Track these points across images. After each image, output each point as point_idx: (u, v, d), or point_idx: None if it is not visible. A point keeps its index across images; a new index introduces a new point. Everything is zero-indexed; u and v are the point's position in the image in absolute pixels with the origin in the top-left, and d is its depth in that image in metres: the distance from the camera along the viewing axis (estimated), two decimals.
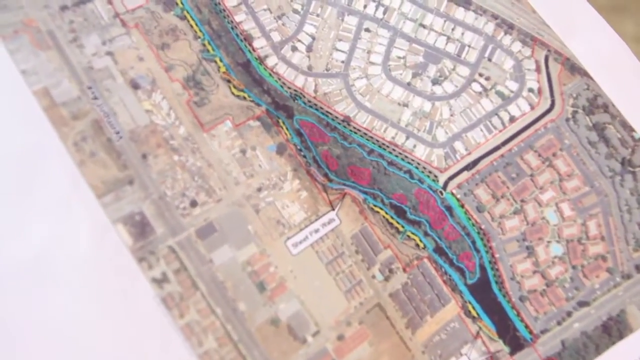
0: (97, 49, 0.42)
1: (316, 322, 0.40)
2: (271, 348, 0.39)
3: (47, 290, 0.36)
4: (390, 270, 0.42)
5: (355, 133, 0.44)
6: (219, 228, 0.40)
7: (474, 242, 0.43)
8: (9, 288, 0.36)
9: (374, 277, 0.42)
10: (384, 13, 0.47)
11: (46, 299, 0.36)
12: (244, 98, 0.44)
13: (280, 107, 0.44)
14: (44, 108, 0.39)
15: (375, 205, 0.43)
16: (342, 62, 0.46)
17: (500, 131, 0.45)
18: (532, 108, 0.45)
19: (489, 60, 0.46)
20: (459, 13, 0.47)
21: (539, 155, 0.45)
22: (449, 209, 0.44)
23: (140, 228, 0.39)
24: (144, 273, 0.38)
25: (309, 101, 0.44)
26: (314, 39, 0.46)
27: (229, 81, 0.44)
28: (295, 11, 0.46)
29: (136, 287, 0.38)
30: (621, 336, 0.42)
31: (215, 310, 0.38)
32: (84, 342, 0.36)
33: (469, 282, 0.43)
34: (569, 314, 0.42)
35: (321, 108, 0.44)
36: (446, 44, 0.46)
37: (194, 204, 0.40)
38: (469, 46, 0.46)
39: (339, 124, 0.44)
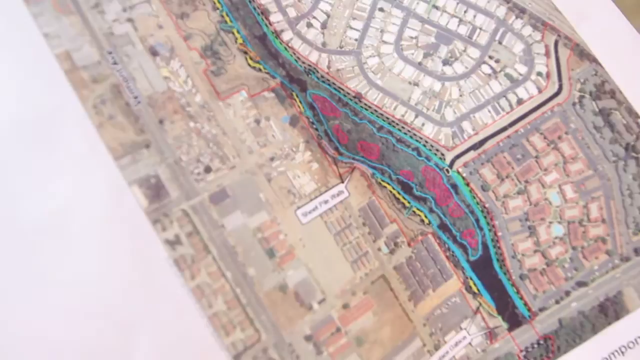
0: (117, 16, 0.42)
1: (322, 290, 0.41)
2: (278, 313, 0.40)
3: (64, 248, 0.37)
4: (396, 244, 0.43)
5: (366, 109, 0.45)
6: (231, 194, 0.41)
7: (477, 220, 0.44)
8: (28, 244, 0.37)
9: (379, 249, 0.43)
10: None
11: (63, 256, 0.37)
12: (260, 70, 0.44)
13: (294, 80, 0.45)
14: (65, 71, 0.40)
15: (383, 180, 0.44)
16: (356, 40, 0.46)
17: (508, 113, 0.46)
18: (540, 91, 0.46)
19: (500, 43, 0.47)
20: None
21: (545, 138, 0.45)
22: (454, 186, 0.45)
23: (155, 191, 0.39)
24: (157, 234, 0.39)
25: (322, 76, 0.45)
26: (328, 16, 0.46)
27: (245, 52, 0.44)
28: None
29: (150, 248, 0.38)
30: (617, 317, 0.43)
31: (225, 273, 0.39)
32: (98, 299, 0.37)
33: (471, 258, 0.44)
34: (567, 293, 0.43)
35: (334, 84, 0.45)
36: (458, 25, 0.47)
37: (208, 169, 0.41)
38: (481, 29, 0.47)
39: (351, 100, 0.45)
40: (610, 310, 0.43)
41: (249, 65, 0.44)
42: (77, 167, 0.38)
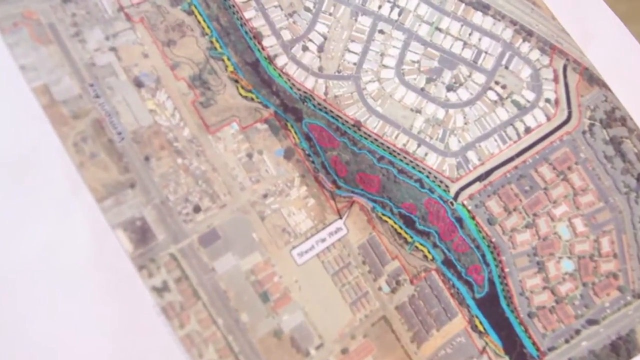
0: (100, 45, 0.40)
1: (320, 334, 0.39)
2: None
3: (43, 297, 0.36)
4: (398, 282, 0.42)
5: (366, 139, 0.44)
6: (222, 235, 0.39)
7: (483, 256, 0.43)
8: (2, 294, 0.35)
9: (380, 288, 0.41)
10: (399, 15, 0.45)
11: (42, 306, 0.35)
12: (252, 99, 0.43)
13: (289, 109, 0.43)
14: (43, 106, 0.38)
15: (383, 215, 0.43)
16: (354, 64, 0.45)
17: (515, 142, 0.44)
18: (549, 119, 0.45)
19: (506, 68, 0.45)
20: (477, 17, 0.46)
21: (554, 169, 0.44)
22: (459, 220, 0.43)
23: (141, 234, 0.38)
24: (144, 281, 0.37)
25: (319, 104, 0.43)
26: (325, 38, 0.45)
27: (236, 81, 0.43)
28: (307, 9, 0.45)
29: (136, 296, 0.37)
30: (630, 356, 0.42)
31: (216, 320, 0.38)
32: (80, 352, 0.35)
33: (477, 296, 0.42)
34: (578, 332, 0.42)
35: (331, 111, 0.43)
36: (462, 49, 0.46)
37: (197, 209, 0.39)
38: (486, 52, 0.45)
39: (349, 128, 0.43)
40: (622, 350, 0.42)
41: (241, 94, 0.42)
42: (57, 210, 0.37)
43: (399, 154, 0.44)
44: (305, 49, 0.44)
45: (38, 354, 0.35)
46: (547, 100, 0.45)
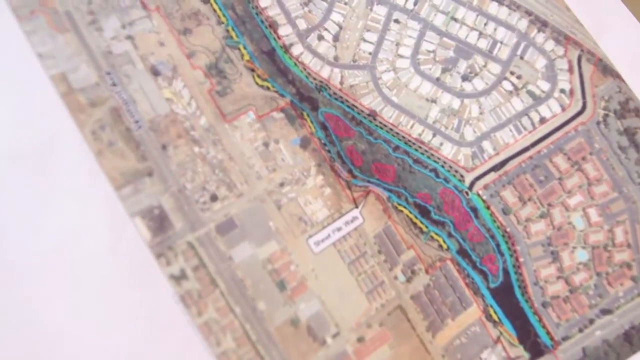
0: (116, 33, 0.40)
1: (336, 323, 0.39)
2: (290, 349, 0.38)
3: (62, 285, 0.35)
4: (413, 272, 0.41)
5: (381, 128, 0.43)
6: (239, 224, 0.39)
7: (498, 245, 0.43)
8: (22, 283, 0.35)
9: (396, 278, 0.41)
10: (415, 4, 0.45)
11: (61, 294, 0.35)
12: (268, 88, 0.42)
13: (305, 98, 0.42)
14: (61, 94, 0.38)
15: (399, 204, 0.42)
16: (370, 53, 0.44)
17: (530, 132, 0.44)
18: (563, 109, 0.44)
19: (521, 58, 0.45)
20: (492, 7, 0.45)
21: (569, 159, 0.44)
22: (474, 210, 0.43)
23: (158, 222, 0.37)
24: (162, 269, 0.37)
25: (335, 93, 0.43)
26: (341, 28, 0.44)
27: (252, 70, 0.42)
28: None
29: (154, 284, 0.37)
30: None
31: (234, 309, 0.38)
32: (99, 339, 0.35)
33: (492, 285, 0.42)
34: (592, 321, 0.42)
35: (347, 101, 0.43)
36: (478, 39, 0.45)
37: (214, 198, 0.39)
38: (501, 42, 0.45)
39: (365, 118, 0.43)
40: (635, 339, 0.42)
41: (257, 83, 0.42)
42: (75, 199, 0.36)
43: (414, 143, 0.43)
44: (320, 38, 0.44)
45: (57, 342, 0.35)
46: (562, 91, 0.44)
